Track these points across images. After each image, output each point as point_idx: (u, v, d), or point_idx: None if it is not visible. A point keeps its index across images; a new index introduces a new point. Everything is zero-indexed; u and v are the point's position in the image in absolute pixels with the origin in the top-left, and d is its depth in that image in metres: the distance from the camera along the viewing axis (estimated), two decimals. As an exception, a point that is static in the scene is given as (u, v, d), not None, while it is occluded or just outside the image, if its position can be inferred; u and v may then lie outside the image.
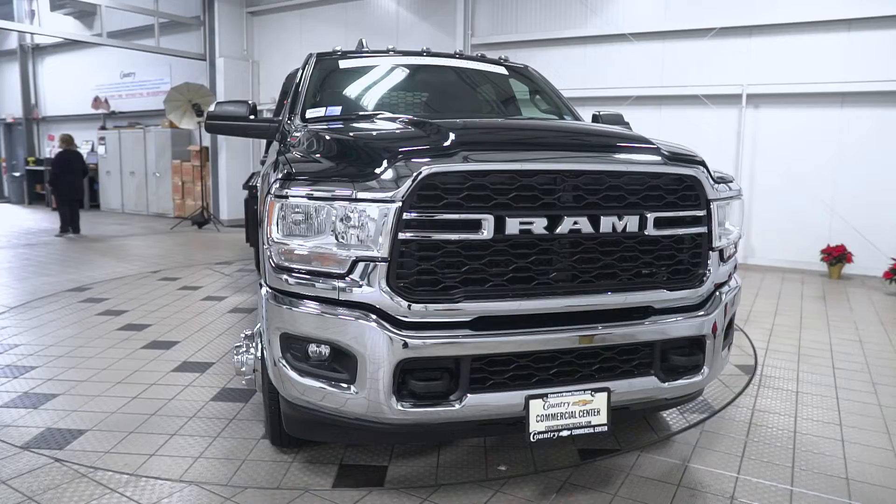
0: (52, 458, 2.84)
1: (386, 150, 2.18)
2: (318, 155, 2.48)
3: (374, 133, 2.69)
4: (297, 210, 2.20)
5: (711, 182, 2.45)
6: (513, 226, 2.12)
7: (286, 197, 2.23)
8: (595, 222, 2.20)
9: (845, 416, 3.48)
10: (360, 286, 2.12)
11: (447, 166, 2.06)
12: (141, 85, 14.25)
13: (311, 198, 2.16)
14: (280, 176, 2.30)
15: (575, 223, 2.18)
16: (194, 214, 11.59)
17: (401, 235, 2.06)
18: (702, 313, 2.46)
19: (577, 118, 4.05)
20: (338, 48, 4.16)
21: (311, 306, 2.19)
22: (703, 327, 2.46)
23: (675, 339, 2.41)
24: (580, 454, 2.96)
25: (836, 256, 7.35)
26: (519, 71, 4.32)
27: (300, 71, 3.89)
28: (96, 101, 14.91)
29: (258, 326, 3.03)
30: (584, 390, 2.27)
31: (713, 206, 2.44)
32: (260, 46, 12.56)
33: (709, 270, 2.49)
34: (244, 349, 2.95)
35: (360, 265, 2.11)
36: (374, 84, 3.90)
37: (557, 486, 2.69)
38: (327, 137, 2.59)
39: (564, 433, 2.26)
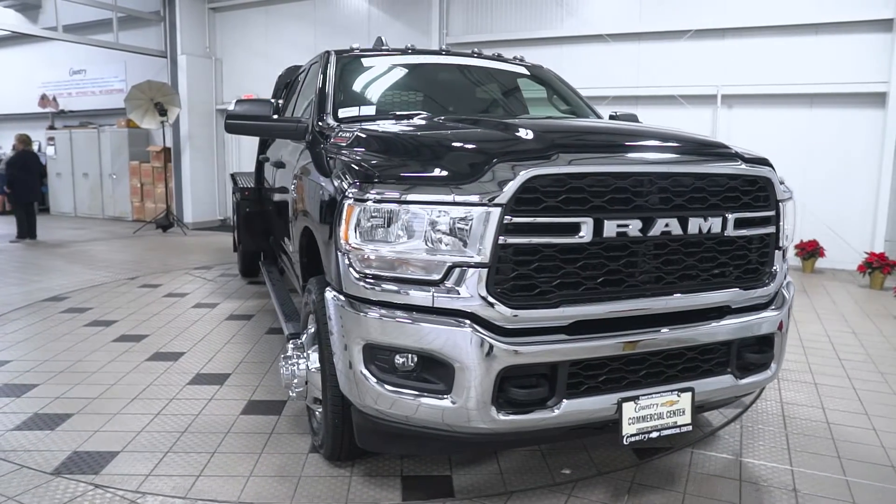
0: (90, 483, 2.64)
1: (483, 153, 2.12)
2: (389, 156, 2.39)
3: (454, 135, 2.61)
4: (380, 214, 2.11)
5: (779, 182, 2.49)
6: (610, 228, 2.10)
7: (367, 200, 2.14)
8: (684, 224, 2.21)
9: (868, 406, 3.62)
10: (457, 293, 2.05)
11: (551, 169, 2.02)
12: (93, 83, 13.53)
13: (399, 201, 2.08)
14: (358, 178, 2.21)
15: (666, 225, 2.18)
16: (158, 218, 11.10)
17: (502, 240, 2.01)
18: (773, 311, 2.51)
19: (599, 117, 4.07)
20: (355, 45, 4.05)
21: (400, 315, 2.10)
22: (773, 324, 2.50)
23: (751, 336, 2.44)
24: (637, 454, 2.97)
25: (810, 251, 7.68)
26: (536, 70, 4.31)
27: (320, 69, 3.74)
28: (43, 100, 14.08)
29: (306, 336, 2.92)
30: (671, 391, 2.27)
31: (781, 206, 2.49)
32: (223, 44, 12.14)
33: (776, 269, 2.54)
34: (293, 360, 2.83)
35: (457, 271, 2.04)
36: (400, 83, 3.81)
37: (626, 486, 2.69)
38: (394, 138, 2.50)
39: (654, 435, 2.26)
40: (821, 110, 7.94)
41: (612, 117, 4.10)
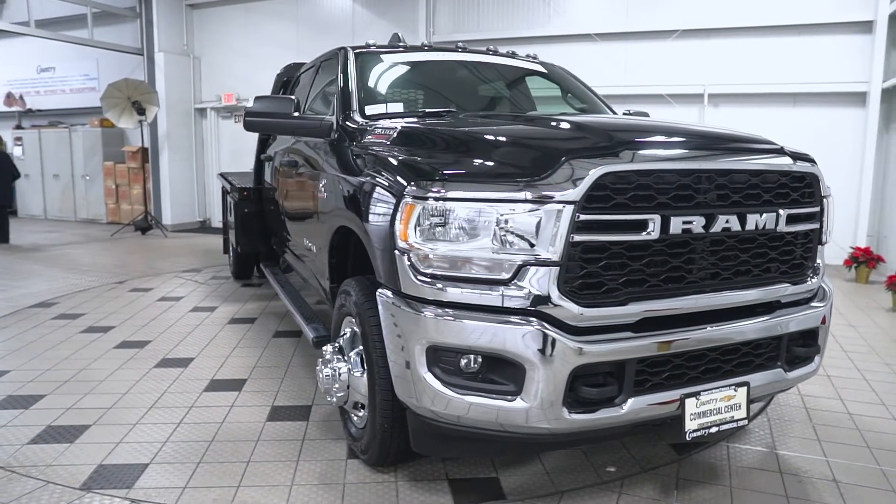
0: (126, 498, 2.52)
1: (552, 150, 2.09)
2: (445, 154, 2.34)
3: (512, 132, 2.57)
4: (444, 213, 2.06)
5: (823, 179, 2.53)
6: (676, 225, 2.09)
7: (428, 199, 2.09)
8: (742, 220, 2.22)
9: (883, 396, 3.71)
10: (528, 292, 2.01)
11: (623, 166, 2.00)
12: (63, 81, 13.07)
13: (466, 200, 2.04)
14: (419, 176, 2.16)
15: (726, 221, 2.18)
16: (136, 220, 10.78)
17: (574, 238, 1.98)
18: (819, 305, 2.54)
19: (615, 114, 4.08)
20: (371, 42, 3.97)
21: (467, 315, 2.06)
22: (818, 318, 2.54)
23: (799, 330, 2.46)
24: (675, 449, 2.98)
25: (796, 246, 7.85)
26: (550, 68, 4.31)
27: (339, 67, 3.65)
28: (9, 98, 13.55)
29: (343, 339, 2.85)
30: (729, 386, 2.28)
31: (825, 202, 2.52)
32: (201, 41, 11.85)
33: (818, 264, 2.58)
34: (333, 364, 2.76)
35: (527, 270, 2.01)
36: (422, 80, 3.75)
37: (673, 482, 2.69)
38: (445, 135, 2.46)
39: (713, 430, 2.26)
40: (804, 109, 8.15)
41: (625, 115, 4.12)
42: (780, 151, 2.40)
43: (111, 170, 12.07)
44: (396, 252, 2.19)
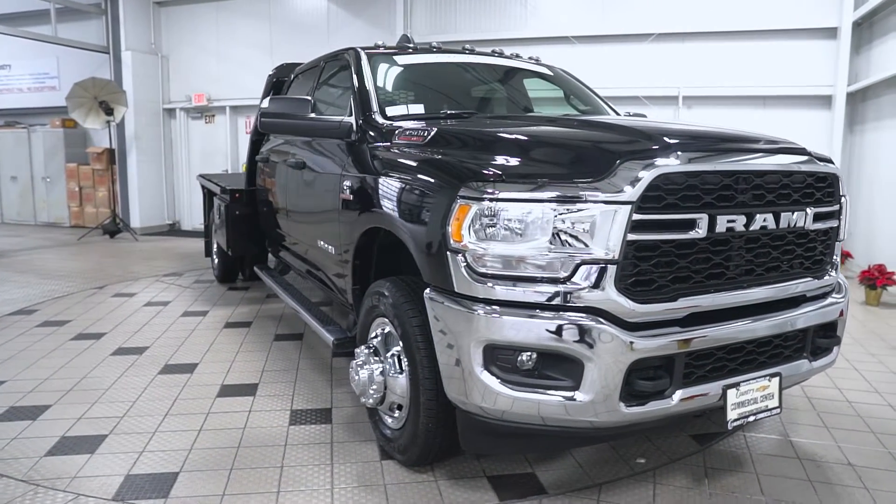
0: (165, 507, 2.48)
1: (607, 152, 2.15)
2: (489, 155, 2.37)
3: (553, 133, 2.62)
4: (499, 213, 2.10)
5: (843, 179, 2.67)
6: (721, 224, 2.18)
7: (483, 199, 2.13)
8: (777, 218, 2.32)
9: (875, 384, 3.91)
10: (585, 289, 2.07)
11: (677, 167, 2.08)
12: (19, 79, 12.52)
13: (523, 200, 2.08)
14: (472, 177, 2.19)
15: (764, 220, 2.28)
16: (104, 223, 10.43)
17: (630, 237, 2.05)
18: (839, 298, 2.68)
19: (618, 115, 4.19)
20: (379, 43, 3.97)
21: (525, 313, 2.10)
22: (838, 311, 2.67)
23: (823, 322, 2.59)
24: (696, 440, 3.09)
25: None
26: (556, 70, 4.39)
27: (352, 68, 3.63)
28: (-40, 97, 12.90)
29: (377, 340, 2.85)
30: (764, 376, 2.39)
31: (843, 200, 2.66)
32: (169, 40, 11.54)
33: (836, 259, 2.72)
34: (369, 366, 2.76)
35: (585, 268, 2.06)
36: (437, 81, 3.78)
37: (701, 471, 2.79)
38: (487, 137, 2.49)
39: (751, 419, 2.36)
40: (773, 111, 8.48)
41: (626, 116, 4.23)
42: (805, 153, 2.53)
43: (74, 171, 11.64)
44: (448, 252, 2.21)
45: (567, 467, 2.80)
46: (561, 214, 2.06)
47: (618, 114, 4.20)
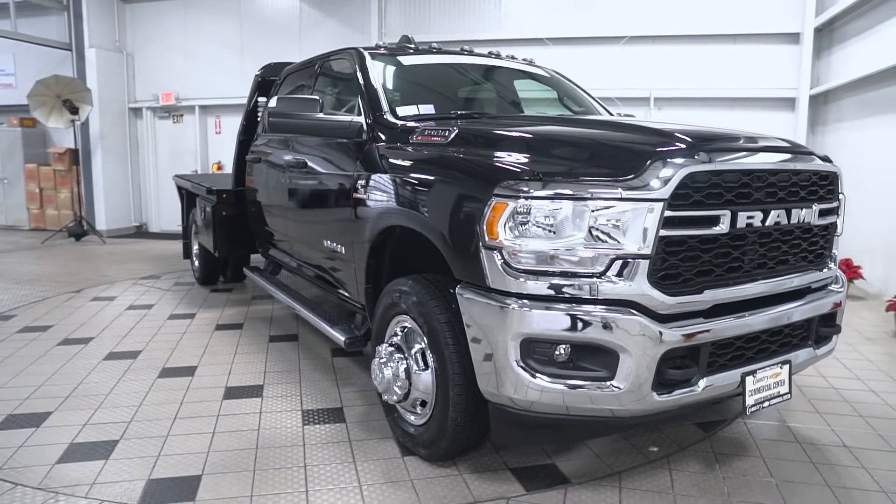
0: (195, 510, 2.46)
1: (639, 151, 2.24)
2: (519, 154, 2.43)
3: (580, 132, 2.70)
4: (536, 211, 2.17)
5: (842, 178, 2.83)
6: (742, 220, 2.30)
7: (519, 197, 2.19)
8: (789, 214, 2.46)
9: (856, 371, 4.13)
10: (618, 283, 2.15)
11: (706, 166, 2.18)
12: (-28, 76, 11.99)
13: (559, 197, 2.15)
14: (506, 175, 2.25)
15: (778, 216, 2.42)
16: (70, 226, 10.08)
17: (661, 232, 2.14)
18: (839, 289, 2.85)
19: (611, 115, 4.32)
20: (379, 43, 4.00)
21: (562, 307, 2.17)
22: (838, 301, 2.84)
23: (826, 312, 2.75)
24: (701, 427, 3.22)
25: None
26: (552, 72, 4.50)
27: (357, 68, 3.65)
28: None
29: (398, 338, 2.88)
30: (776, 364, 2.52)
31: (841, 197, 2.83)
32: (134, 38, 11.23)
33: (835, 253, 2.89)
34: (393, 363, 2.79)
35: (619, 263, 2.14)
36: (440, 82, 3.82)
37: (712, 457, 2.92)
38: (514, 136, 2.55)
39: (766, 404, 2.49)
40: (740, 112, 8.80)
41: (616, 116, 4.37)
42: (810, 153, 2.68)
43: (34, 172, 11.21)
44: (484, 249, 2.27)
45: (585, 458, 2.89)
46: (596, 211, 2.14)
47: (610, 113, 4.32)
